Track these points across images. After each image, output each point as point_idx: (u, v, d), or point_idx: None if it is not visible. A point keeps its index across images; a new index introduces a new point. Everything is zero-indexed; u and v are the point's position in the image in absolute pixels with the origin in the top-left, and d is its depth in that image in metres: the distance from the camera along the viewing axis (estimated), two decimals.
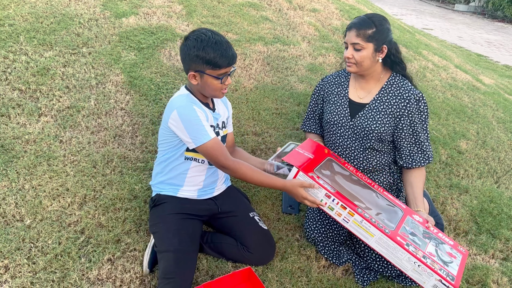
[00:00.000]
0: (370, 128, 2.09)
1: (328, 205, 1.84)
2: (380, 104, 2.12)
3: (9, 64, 2.64)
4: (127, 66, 2.83)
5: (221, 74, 1.78)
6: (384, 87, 2.14)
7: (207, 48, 1.73)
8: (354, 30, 1.98)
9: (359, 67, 2.04)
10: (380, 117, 2.10)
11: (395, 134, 2.13)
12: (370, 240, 1.78)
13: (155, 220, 1.92)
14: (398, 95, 2.10)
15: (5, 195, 2.03)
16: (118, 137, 2.43)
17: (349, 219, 1.81)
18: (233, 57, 1.78)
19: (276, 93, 3.03)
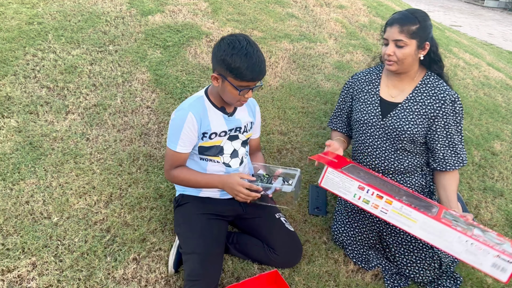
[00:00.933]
0: (402, 128, 2.02)
1: (363, 199, 1.74)
2: (414, 104, 2.04)
3: (37, 62, 2.66)
4: (153, 64, 2.82)
5: (241, 86, 1.70)
6: (418, 87, 2.05)
7: (236, 56, 1.65)
8: (397, 25, 1.90)
9: (401, 65, 1.96)
10: (413, 118, 2.02)
11: (428, 136, 2.05)
12: (414, 228, 1.65)
13: (179, 221, 1.89)
14: (432, 96, 2.02)
15: (33, 192, 2.04)
16: (144, 136, 2.43)
17: (387, 209, 1.69)
18: (259, 74, 1.69)
19: (302, 92, 2.97)
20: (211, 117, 1.84)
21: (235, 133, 1.91)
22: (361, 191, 1.74)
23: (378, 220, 2.09)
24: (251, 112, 2.01)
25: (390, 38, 1.92)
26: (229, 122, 1.88)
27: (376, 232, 2.09)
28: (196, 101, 1.85)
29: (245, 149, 1.99)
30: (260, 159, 2.10)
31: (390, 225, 2.06)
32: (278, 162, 2.47)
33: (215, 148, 1.87)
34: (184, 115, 1.78)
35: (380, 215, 1.71)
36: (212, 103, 1.86)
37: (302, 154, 2.55)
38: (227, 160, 1.91)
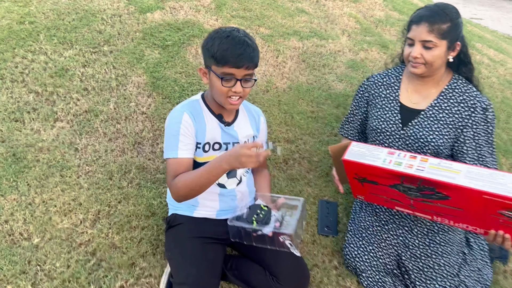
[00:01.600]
0: (426, 139, 1.77)
1: (395, 161, 1.54)
2: (439, 111, 1.79)
3: (27, 64, 2.48)
4: (150, 65, 2.62)
5: (224, 74, 1.47)
6: (444, 92, 1.80)
7: (216, 39, 1.47)
8: (425, 24, 1.65)
9: (428, 68, 1.72)
10: (438, 127, 1.77)
11: (455, 148, 1.80)
12: (458, 178, 1.44)
13: (170, 245, 1.69)
14: (461, 102, 1.77)
15: (13, 210, 1.86)
16: (138, 145, 2.22)
17: (424, 166, 1.50)
18: (242, 58, 1.45)
19: (312, 94, 2.73)
20: (207, 123, 1.63)
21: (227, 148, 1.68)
22: (391, 155, 1.57)
23: (397, 242, 1.85)
24: (254, 123, 1.78)
25: (417, 38, 1.67)
26: (225, 133, 1.66)
27: (394, 256, 1.85)
28: (191, 103, 1.65)
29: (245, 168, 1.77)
30: (265, 179, 1.86)
31: (410, 248, 1.82)
32: (285, 173, 2.23)
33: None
34: (178, 115, 1.58)
35: (416, 173, 1.49)
36: (208, 107, 1.65)
37: (311, 164, 2.31)
38: (222, 180, 1.69)
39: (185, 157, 1.56)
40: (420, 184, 1.51)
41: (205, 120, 1.62)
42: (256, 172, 1.91)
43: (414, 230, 1.85)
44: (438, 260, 1.77)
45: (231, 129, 1.67)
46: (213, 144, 1.63)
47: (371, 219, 1.93)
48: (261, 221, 1.54)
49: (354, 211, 2.03)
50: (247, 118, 1.76)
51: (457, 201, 1.48)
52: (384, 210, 1.90)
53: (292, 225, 1.50)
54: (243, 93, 1.56)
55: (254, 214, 1.56)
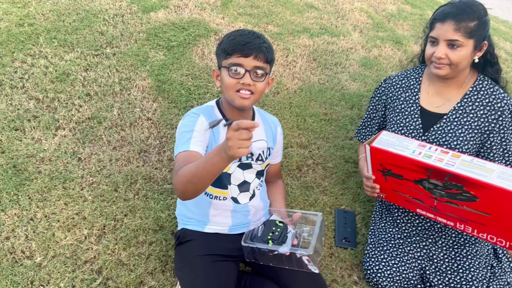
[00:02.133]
0: (449, 145, 1.65)
1: (424, 154, 1.45)
2: (463, 115, 1.67)
3: (26, 69, 2.38)
4: (154, 68, 2.50)
5: (232, 64, 1.41)
6: (468, 94, 1.68)
7: (227, 36, 1.47)
8: (451, 22, 1.53)
9: (453, 69, 1.60)
10: (463, 132, 1.65)
11: (481, 154, 1.68)
12: (490, 177, 1.34)
13: (180, 263, 1.58)
14: (487, 105, 1.64)
15: (14, 226, 1.76)
16: (144, 153, 2.12)
17: (454, 161, 1.41)
18: (251, 46, 1.39)
19: (324, 95, 2.61)
20: (221, 130, 1.53)
21: (247, 161, 1.57)
22: (421, 148, 1.48)
23: (421, 255, 1.74)
24: (271, 133, 1.67)
25: (442, 37, 1.55)
26: None
27: (417, 270, 1.74)
28: (206, 108, 1.57)
29: (259, 180, 1.66)
30: (279, 191, 1.76)
31: (435, 262, 1.71)
32: (298, 181, 2.12)
33: (222, 176, 1.54)
34: (194, 117, 1.49)
35: (445, 167, 1.39)
36: (223, 115, 1.56)
37: (326, 171, 2.20)
38: (235, 193, 1.58)
39: (197, 150, 1.40)
40: (447, 180, 1.41)
41: (220, 127, 1.52)
42: (270, 183, 1.81)
43: (439, 242, 1.74)
44: (465, 275, 1.65)
45: None
46: None
47: (392, 231, 1.82)
48: (277, 239, 1.43)
49: (374, 221, 1.92)
50: (263, 129, 1.65)
51: (486, 204, 1.37)
52: (406, 221, 1.79)
53: (311, 244, 1.39)
54: (254, 89, 1.44)
55: (269, 232, 1.46)
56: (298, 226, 1.54)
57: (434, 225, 1.74)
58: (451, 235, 1.73)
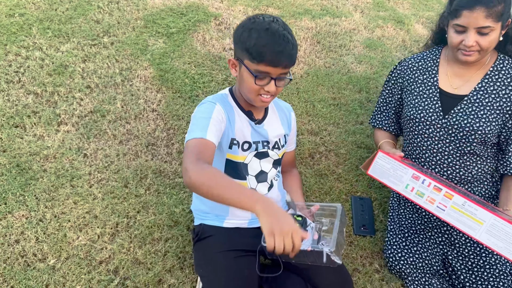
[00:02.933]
0: (471, 127, 1.61)
1: (417, 191, 1.45)
2: (484, 96, 1.63)
3: (21, 62, 2.27)
4: (155, 56, 2.41)
5: (258, 72, 1.30)
6: (489, 74, 1.64)
7: (254, 31, 1.28)
8: (481, 9, 1.46)
9: (483, 54, 1.55)
10: (485, 113, 1.61)
11: (502, 135, 1.65)
12: (479, 231, 1.34)
13: (201, 260, 1.53)
14: (509, 85, 1.61)
15: (23, 228, 1.69)
16: (151, 147, 2.04)
17: (446, 204, 1.39)
18: (281, 56, 1.27)
19: (331, 79, 2.55)
20: (237, 119, 1.46)
21: (263, 149, 1.52)
22: (415, 181, 1.45)
23: (442, 240, 1.72)
24: (286, 121, 1.61)
25: (472, 25, 1.48)
26: (255, 132, 1.50)
27: (439, 256, 1.72)
28: (221, 96, 1.48)
29: (276, 170, 1.60)
30: (296, 181, 1.71)
31: (457, 247, 1.69)
32: (312, 169, 2.07)
33: (239, 166, 1.50)
34: (211, 106, 1.40)
35: (436, 212, 1.42)
36: (237, 103, 1.49)
37: (339, 157, 2.15)
38: (252, 184, 1.53)
39: (212, 141, 1.31)
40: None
41: (235, 116, 1.46)
42: (285, 173, 1.76)
43: None
44: (488, 259, 1.64)
45: (261, 128, 1.51)
46: (242, 143, 1.48)
47: (412, 217, 1.79)
48: None
49: (392, 207, 1.89)
50: (277, 115, 1.59)
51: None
52: None
53: (333, 239, 1.35)
54: (276, 92, 1.39)
55: None
56: (317, 218, 1.50)
57: None
58: None
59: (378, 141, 1.87)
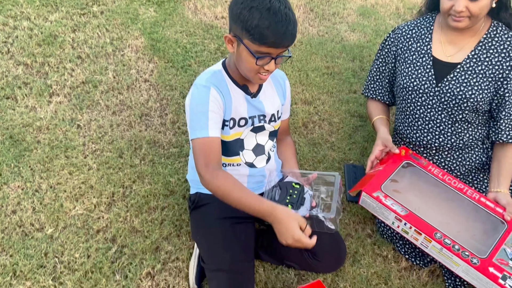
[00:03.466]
0: (464, 95, 1.63)
1: (402, 229, 1.53)
2: (477, 63, 1.63)
3: (9, 32, 2.23)
4: (146, 26, 2.37)
5: (259, 53, 1.27)
6: (482, 42, 1.64)
7: (255, 10, 1.21)
8: None
9: (473, 20, 1.54)
10: (477, 81, 1.62)
11: (494, 102, 1.67)
12: (457, 269, 1.46)
13: (197, 227, 1.56)
14: (502, 52, 1.61)
15: (19, 198, 1.71)
16: (145, 117, 2.04)
17: (427, 244, 1.49)
18: (284, 37, 1.24)
19: (324, 47, 2.53)
20: (232, 96, 1.44)
21: (260, 124, 1.52)
22: (399, 221, 1.52)
23: None
24: (281, 90, 1.60)
25: None
26: (251, 106, 1.48)
27: None
28: (214, 76, 1.43)
29: (273, 142, 1.61)
30: (290, 149, 1.71)
31: None
32: (305, 138, 2.09)
33: (233, 144, 1.50)
34: (205, 91, 1.37)
35: (421, 247, 1.52)
36: (231, 78, 1.45)
37: (332, 126, 2.17)
38: (250, 158, 1.54)
39: (216, 136, 1.38)
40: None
41: (231, 93, 1.44)
42: (279, 141, 1.76)
43: None
44: None
45: (256, 101, 1.50)
46: (238, 120, 1.47)
47: None
48: (296, 202, 1.41)
49: None
50: (273, 85, 1.58)
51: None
52: None
53: (332, 207, 1.38)
54: (274, 70, 1.37)
55: (286, 195, 1.44)
56: (315, 187, 1.52)
57: None
58: None
59: (371, 115, 1.88)
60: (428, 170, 1.66)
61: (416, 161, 1.69)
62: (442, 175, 1.64)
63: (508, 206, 1.55)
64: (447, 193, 1.61)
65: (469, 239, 1.48)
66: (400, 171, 1.66)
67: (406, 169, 1.67)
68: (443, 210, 1.58)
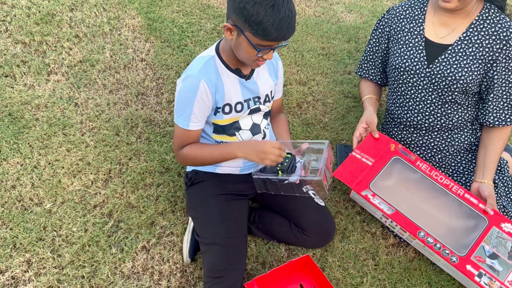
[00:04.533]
0: (454, 77, 1.65)
1: (389, 224, 1.62)
2: (468, 45, 1.65)
3: (8, 11, 2.24)
4: (143, 5, 2.38)
5: (260, 46, 1.29)
6: (474, 24, 1.65)
7: (259, 6, 1.21)
8: None
9: (463, 2, 1.55)
10: (468, 63, 1.64)
11: (483, 84, 1.69)
12: (438, 263, 1.58)
13: (193, 203, 1.61)
14: (492, 34, 1.62)
15: (19, 174, 1.75)
16: (141, 96, 2.07)
17: (411, 240, 1.59)
18: (286, 32, 1.27)
19: (321, 28, 2.54)
20: (225, 83, 1.46)
21: (255, 106, 1.54)
22: (386, 218, 1.62)
23: None
24: (273, 70, 1.61)
25: None
26: (245, 89, 1.50)
27: None
28: (207, 64, 1.44)
29: (267, 120, 1.65)
30: (283, 124, 1.74)
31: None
32: (299, 118, 2.12)
33: (230, 126, 1.53)
34: (195, 83, 1.40)
35: (407, 240, 1.64)
36: (224, 63, 1.46)
37: (326, 107, 2.20)
38: (247, 137, 1.57)
39: (195, 129, 1.47)
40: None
41: (223, 80, 1.45)
42: (272, 118, 1.78)
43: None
44: None
45: (251, 83, 1.52)
46: (234, 105, 1.49)
47: None
48: (286, 170, 1.46)
49: None
50: (265, 66, 1.60)
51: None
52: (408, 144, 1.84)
53: (319, 170, 1.43)
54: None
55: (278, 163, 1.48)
56: (306, 156, 1.56)
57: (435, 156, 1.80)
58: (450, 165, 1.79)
59: (362, 94, 1.91)
60: (416, 165, 1.71)
61: (405, 156, 1.73)
62: (430, 171, 1.69)
63: (489, 198, 1.61)
64: (433, 189, 1.67)
65: (452, 237, 1.56)
66: (389, 167, 1.70)
67: (396, 164, 1.72)
68: (429, 207, 1.64)
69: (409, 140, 1.84)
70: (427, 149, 1.82)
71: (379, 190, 1.65)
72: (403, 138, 1.86)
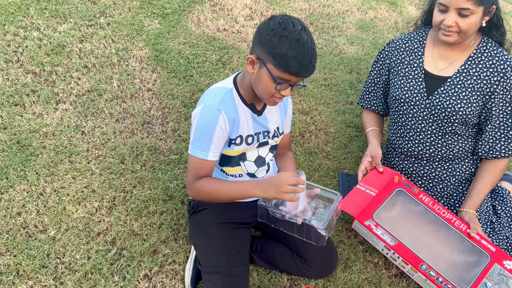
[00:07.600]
0: (453, 108, 1.68)
1: (390, 256, 1.62)
2: (466, 78, 1.69)
3: (20, 42, 2.32)
4: (151, 37, 2.46)
5: (281, 79, 1.33)
6: (472, 57, 1.70)
7: (285, 39, 1.27)
8: None
9: (462, 36, 1.60)
10: (466, 95, 1.68)
11: (482, 115, 1.72)
12: None
13: (196, 231, 1.62)
14: (490, 67, 1.67)
15: (24, 201, 1.78)
16: (147, 125, 2.12)
17: (413, 273, 1.58)
18: (307, 68, 1.31)
19: (323, 60, 2.60)
20: (241, 116, 1.49)
21: (264, 139, 1.57)
22: (388, 250, 1.60)
23: None
24: (283, 107, 1.63)
25: (453, 5, 1.53)
26: (256, 124, 1.53)
27: None
28: (225, 97, 1.46)
29: (272, 154, 1.67)
30: (290, 163, 1.75)
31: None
32: (302, 147, 2.15)
33: (237, 157, 1.56)
34: (215, 114, 1.41)
35: (408, 274, 1.62)
36: (241, 97, 1.49)
37: (328, 136, 2.23)
38: (251, 169, 1.60)
39: (213, 160, 1.47)
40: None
41: (239, 113, 1.48)
42: (280, 155, 1.78)
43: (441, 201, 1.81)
44: None
45: (261, 118, 1.55)
46: (245, 137, 1.52)
47: None
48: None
49: None
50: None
51: None
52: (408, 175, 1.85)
53: (325, 219, 1.43)
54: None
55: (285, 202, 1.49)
56: (316, 201, 1.57)
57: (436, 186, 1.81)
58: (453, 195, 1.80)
59: (365, 126, 1.94)
60: (419, 198, 1.72)
61: (408, 188, 1.75)
62: (433, 204, 1.71)
63: (471, 223, 1.63)
64: (436, 223, 1.68)
65: (454, 271, 1.55)
66: (392, 198, 1.72)
67: (399, 196, 1.73)
68: (431, 241, 1.64)
69: (411, 170, 1.86)
70: (428, 179, 1.83)
71: (382, 221, 1.65)
72: (405, 168, 1.88)
